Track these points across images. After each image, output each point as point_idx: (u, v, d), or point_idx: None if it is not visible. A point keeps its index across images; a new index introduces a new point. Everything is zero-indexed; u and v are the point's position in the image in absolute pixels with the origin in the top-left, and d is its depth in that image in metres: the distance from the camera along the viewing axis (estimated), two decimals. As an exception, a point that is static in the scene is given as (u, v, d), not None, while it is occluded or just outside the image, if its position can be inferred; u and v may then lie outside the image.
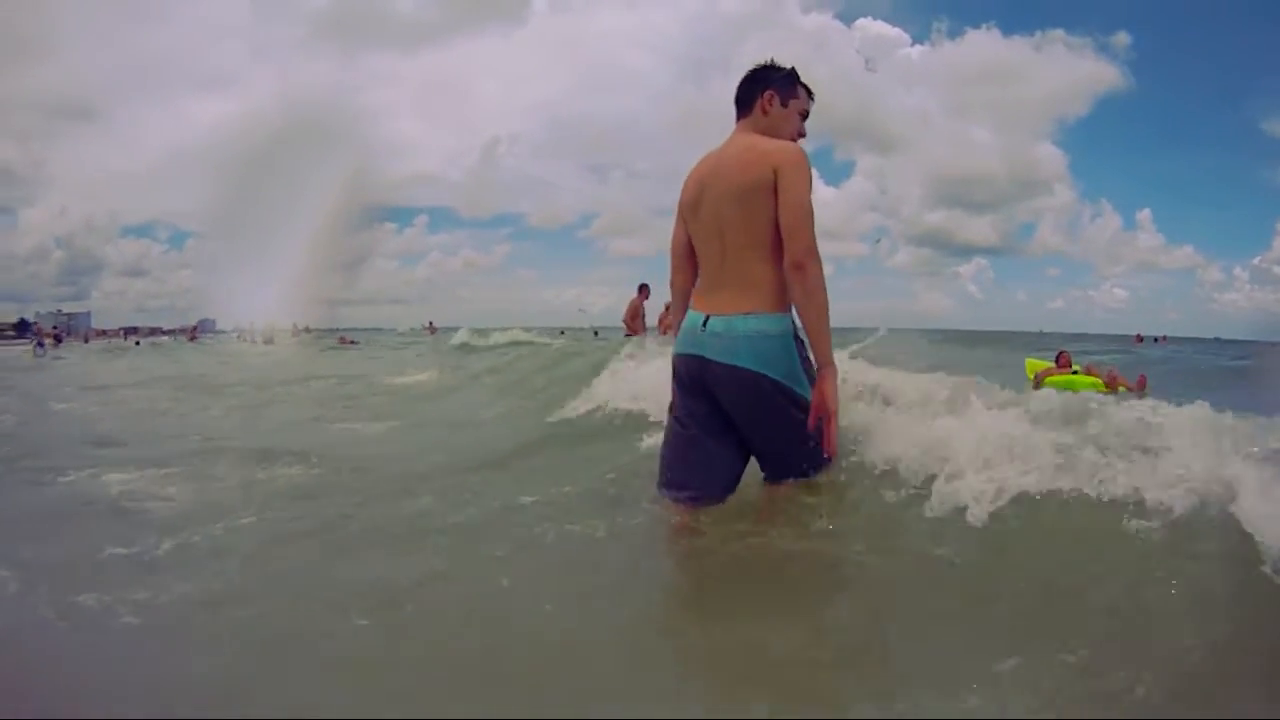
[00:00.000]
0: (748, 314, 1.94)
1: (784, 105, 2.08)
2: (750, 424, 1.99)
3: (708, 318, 2.00)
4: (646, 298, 11.35)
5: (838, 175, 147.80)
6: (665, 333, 10.99)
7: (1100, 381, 7.71)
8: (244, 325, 31.45)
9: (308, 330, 29.63)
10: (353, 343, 24.90)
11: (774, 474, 2.04)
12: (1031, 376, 8.94)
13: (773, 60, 2.11)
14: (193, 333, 36.93)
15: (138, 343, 30.44)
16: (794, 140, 2.07)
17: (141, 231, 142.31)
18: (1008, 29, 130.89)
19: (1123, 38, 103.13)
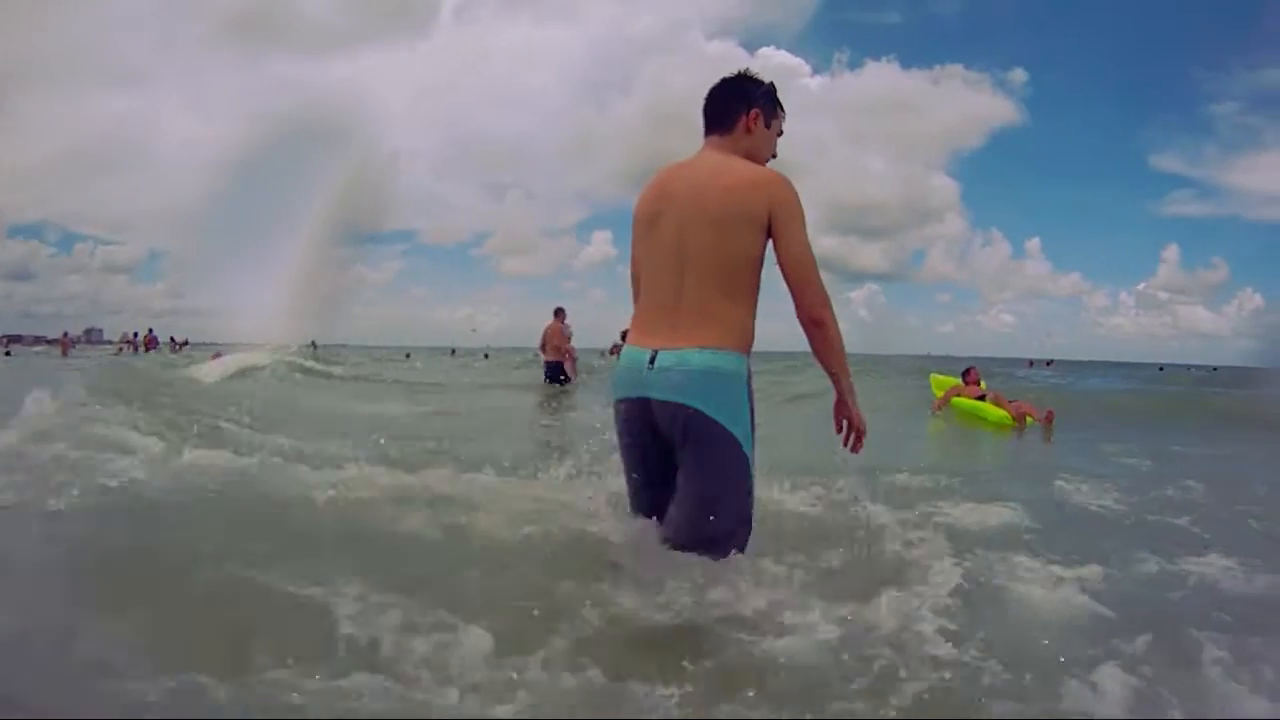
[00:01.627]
0: (703, 347, 1.74)
1: (767, 126, 1.92)
2: (689, 467, 1.78)
3: (655, 353, 1.75)
4: (564, 320, 11.02)
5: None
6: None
7: (1009, 416, 7.60)
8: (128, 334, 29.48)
9: (187, 343, 28.89)
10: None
11: (688, 533, 1.78)
12: (939, 394, 8.81)
13: (749, 71, 1.93)
14: (65, 343, 33.28)
15: (8, 353, 27.17)
16: (766, 163, 1.91)
17: (30, 232, 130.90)
18: (907, 62, 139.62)
19: (1019, 74, 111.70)
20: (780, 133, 1.96)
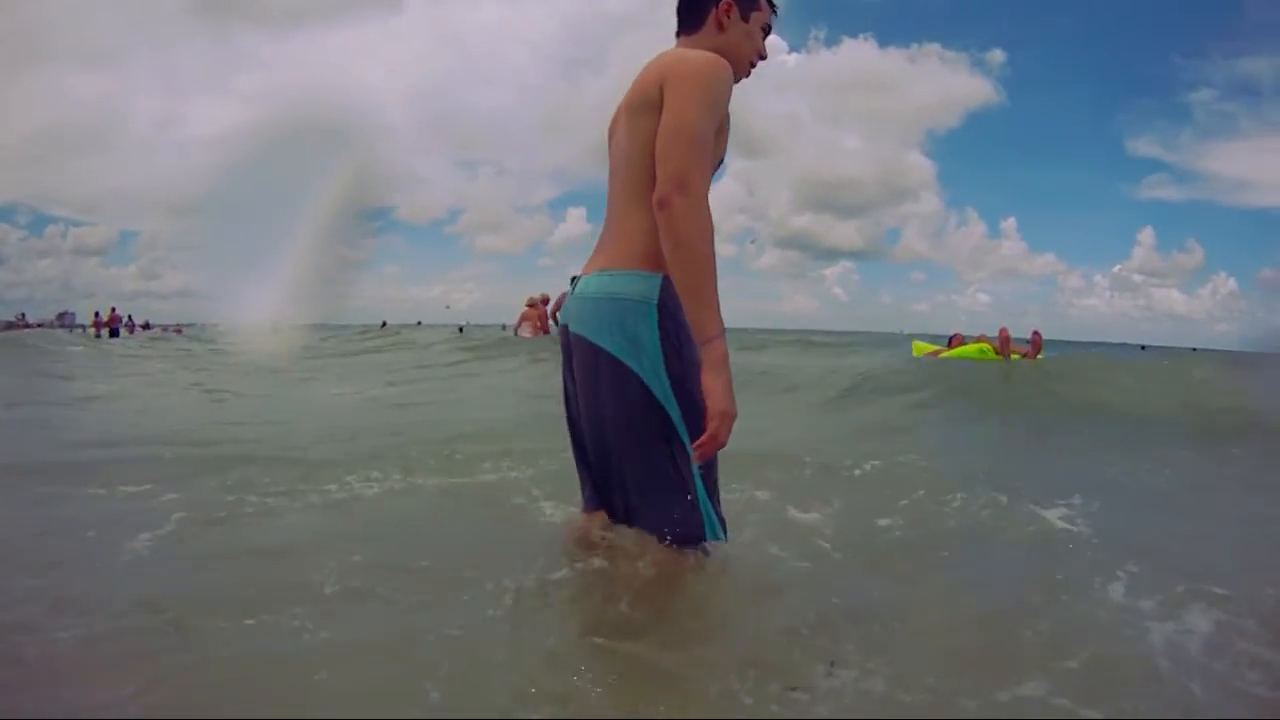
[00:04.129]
0: (602, 270, 1.48)
1: (744, 19, 1.59)
2: (593, 424, 1.50)
3: (575, 281, 1.57)
4: (548, 303, 11.11)
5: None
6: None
7: (990, 348, 7.65)
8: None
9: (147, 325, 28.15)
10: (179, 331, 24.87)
11: (636, 519, 1.50)
12: (919, 356, 8.97)
13: None
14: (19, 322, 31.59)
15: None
16: (753, 64, 1.63)
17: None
18: (884, 40, 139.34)
19: (998, 55, 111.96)
20: (767, 29, 1.65)
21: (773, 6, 1.65)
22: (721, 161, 1.54)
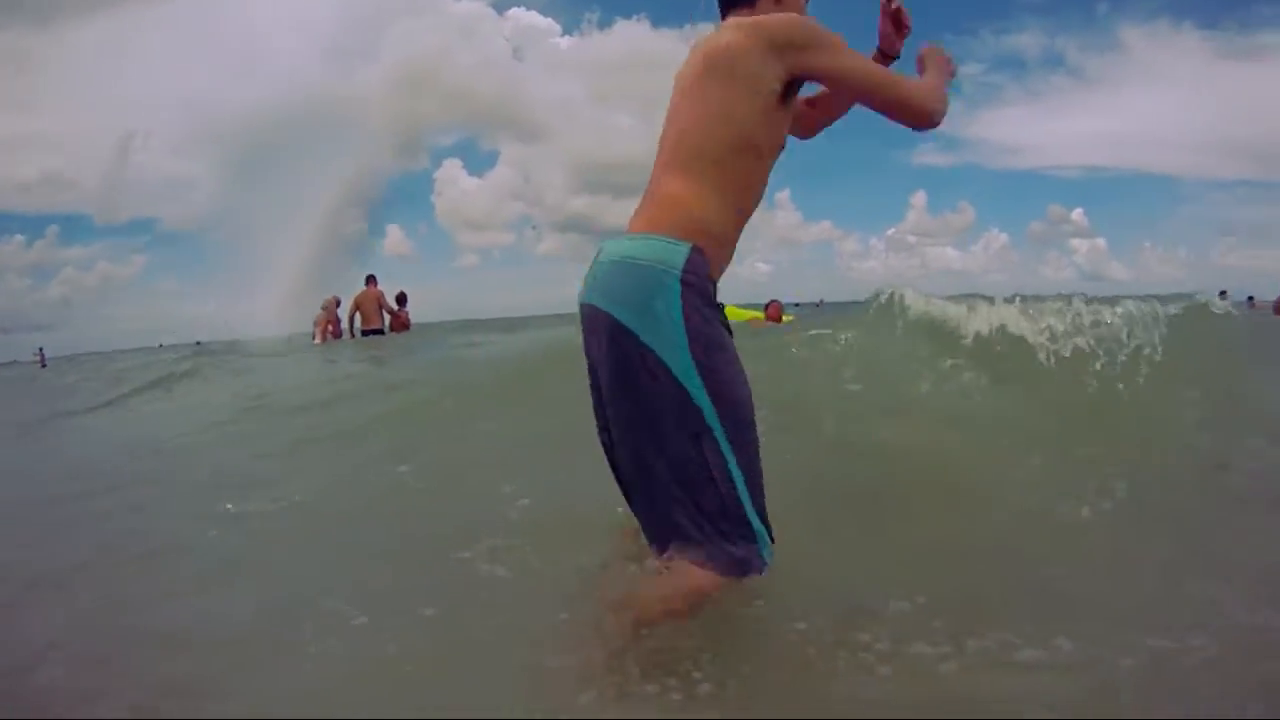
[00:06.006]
0: (625, 236, 1.34)
1: None
2: (613, 409, 1.28)
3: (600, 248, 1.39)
4: (339, 305, 10.16)
5: (482, 165, 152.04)
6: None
7: (759, 314, 8.47)
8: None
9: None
10: None
11: (656, 531, 1.27)
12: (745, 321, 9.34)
13: None
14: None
15: None
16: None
17: None
18: (658, 21, 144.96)
19: None
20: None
21: None
22: None
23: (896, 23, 1.58)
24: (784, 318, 8.57)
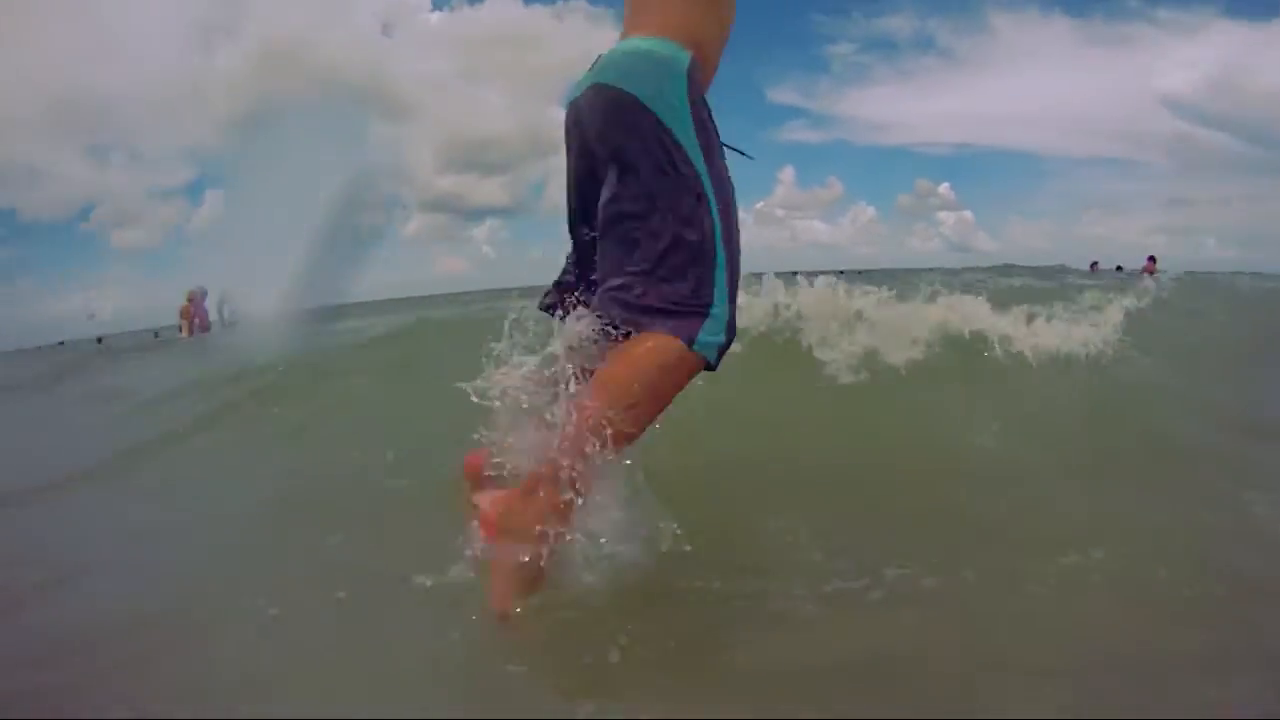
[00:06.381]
0: (634, 36, 1.37)
1: None
2: (601, 162, 1.32)
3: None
4: (205, 296, 9.38)
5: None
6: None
7: None
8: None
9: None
10: None
11: (605, 287, 1.30)
12: None
13: None
14: None
15: None
16: None
17: None
18: None
19: None
20: None
21: None
22: None
23: None
24: None
